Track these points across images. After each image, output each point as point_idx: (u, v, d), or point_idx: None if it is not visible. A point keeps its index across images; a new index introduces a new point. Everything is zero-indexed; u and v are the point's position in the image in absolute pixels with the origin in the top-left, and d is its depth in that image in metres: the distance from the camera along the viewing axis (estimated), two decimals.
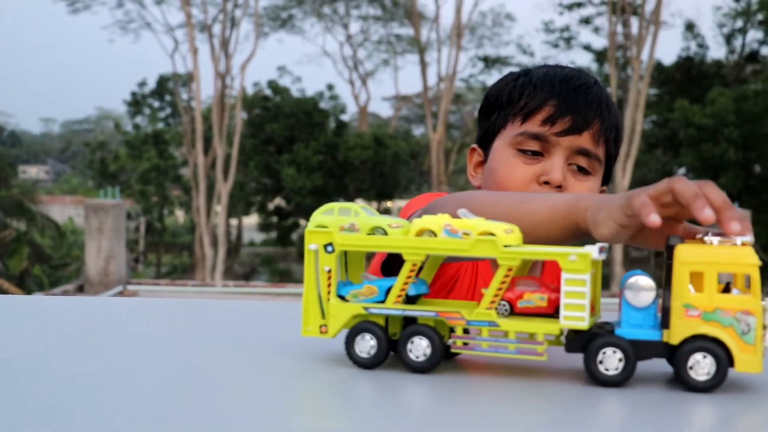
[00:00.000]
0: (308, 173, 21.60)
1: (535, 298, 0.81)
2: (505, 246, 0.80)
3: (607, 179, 1.43)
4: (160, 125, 26.49)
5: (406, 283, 0.82)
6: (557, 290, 0.80)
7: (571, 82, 1.36)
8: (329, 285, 0.84)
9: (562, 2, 22.23)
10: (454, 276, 1.40)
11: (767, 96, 16.99)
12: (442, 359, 0.81)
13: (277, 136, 22.63)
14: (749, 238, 0.76)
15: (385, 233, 0.84)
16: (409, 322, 0.84)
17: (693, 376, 0.75)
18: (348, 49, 27.12)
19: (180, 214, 29.10)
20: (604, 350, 0.76)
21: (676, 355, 0.76)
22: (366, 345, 0.82)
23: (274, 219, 24.86)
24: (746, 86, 19.42)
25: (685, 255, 0.76)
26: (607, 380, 0.76)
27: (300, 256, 24.35)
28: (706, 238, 0.78)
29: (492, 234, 0.81)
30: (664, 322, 0.76)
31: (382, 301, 0.83)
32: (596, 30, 22.56)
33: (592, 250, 0.77)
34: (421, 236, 0.82)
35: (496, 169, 1.38)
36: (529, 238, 0.88)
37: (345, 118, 24.64)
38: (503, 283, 0.80)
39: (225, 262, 20.60)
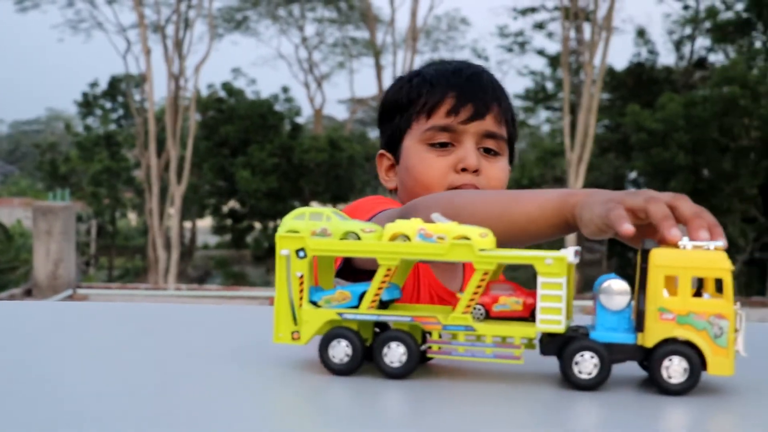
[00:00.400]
0: (263, 176, 21.47)
1: (511, 302, 0.81)
2: (481, 250, 0.79)
3: (512, 159, 1.50)
4: (112, 127, 26.11)
5: (380, 288, 0.81)
6: (532, 294, 0.80)
7: (463, 72, 1.44)
8: (301, 291, 0.83)
9: (516, 7, 22.47)
10: (412, 285, 1.41)
11: (715, 102, 17.31)
12: (418, 365, 0.80)
13: (232, 138, 22.46)
14: (721, 243, 0.78)
15: (358, 238, 0.82)
16: (382, 327, 0.84)
17: (667, 379, 0.75)
18: (303, 51, 27.05)
19: (133, 217, 28.72)
20: (581, 353, 0.77)
21: (651, 358, 0.76)
22: (341, 351, 0.80)
23: (229, 222, 24.66)
24: (695, 92, 19.79)
25: (660, 259, 0.77)
26: (583, 384, 0.76)
27: (255, 259, 24.20)
28: (680, 243, 0.79)
29: (467, 238, 0.80)
30: (639, 326, 0.77)
31: (356, 307, 0.82)
32: (550, 35, 22.83)
33: (568, 254, 0.78)
34: (395, 241, 0.82)
35: (413, 167, 1.42)
36: (521, 236, 0.93)
37: (300, 120, 24.57)
38: (479, 287, 0.80)
39: (178, 266, 20.39)
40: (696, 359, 0.75)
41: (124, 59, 37.16)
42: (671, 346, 0.75)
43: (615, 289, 0.78)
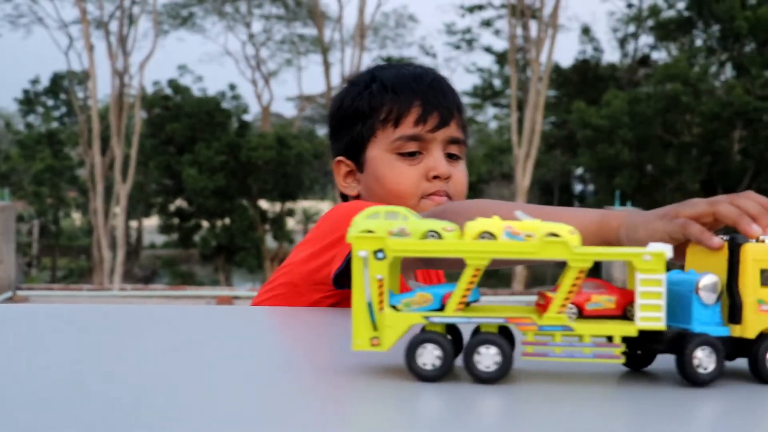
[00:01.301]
0: (210, 174, 21.25)
1: (603, 300, 0.79)
2: (575, 247, 0.77)
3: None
4: (55, 125, 25.62)
5: (468, 289, 0.77)
6: (623, 291, 0.79)
7: (424, 79, 1.46)
8: (381, 294, 0.77)
9: (464, 5, 22.58)
10: None
11: (658, 99, 17.62)
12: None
13: (178, 136, 22.19)
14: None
15: (440, 237, 0.78)
16: (452, 330, 0.81)
17: None
18: (250, 48, 26.86)
19: (77, 217, 28.24)
20: (703, 348, 0.75)
21: (753, 348, 0.77)
22: (430, 356, 0.75)
23: (176, 220, 24.38)
24: (639, 89, 20.14)
25: (756, 253, 0.78)
26: (706, 380, 0.75)
27: (202, 258, 23.95)
28: (762, 237, 0.82)
29: (556, 235, 0.77)
30: (734, 318, 0.78)
31: (438, 309, 0.78)
32: (497, 32, 23.02)
33: (666, 249, 0.76)
34: (481, 239, 0.77)
35: (384, 176, 1.45)
36: None
37: (248, 118, 24.37)
38: (574, 285, 0.76)
39: (124, 266, 20.08)
40: None
41: (67, 56, 36.37)
42: None
43: (711, 284, 0.78)
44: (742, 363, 0.78)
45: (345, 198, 1.53)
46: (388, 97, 1.44)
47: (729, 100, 17.07)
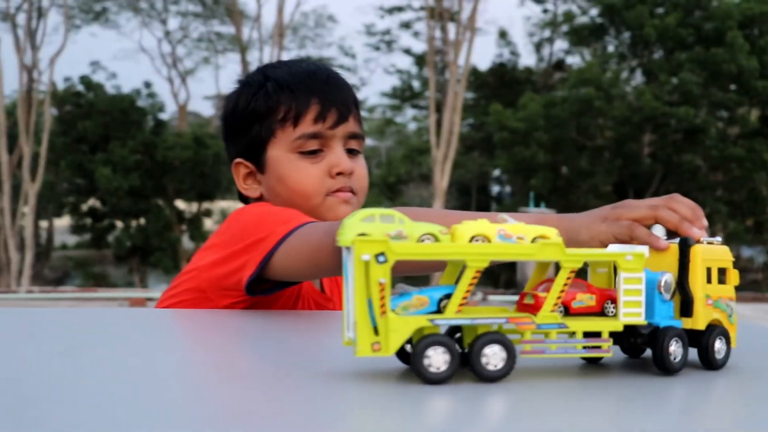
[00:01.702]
0: (124, 173, 20.78)
1: (586, 298, 0.84)
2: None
3: None
4: None
5: (467, 291, 0.78)
6: (601, 290, 0.85)
7: (318, 76, 1.46)
8: (383, 298, 0.76)
9: (383, 6, 22.68)
10: (295, 293, 1.41)
11: (572, 102, 18.04)
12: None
13: (91, 134, 21.62)
14: (719, 238, 0.94)
15: (437, 240, 0.78)
16: (455, 330, 0.82)
17: (716, 356, 0.86)
18: (166, 45, 26.37)
19: None
20: (676, 340, 0.83)
21: (703, 340, 0.86)
22: (439, 359, 0.75)
23: (88, 221, 23.77)
24: (554, 93, 20.58)
25: (703, 254, 0.88)
26: (677, 368, 0.83)
27: (117, 258, 23.39)
28: (703, 239, 0.92)
29: (546, 237, 0.80)
30: (686, 312, 0.87)
31: (436, 312, 0.78)
32: (416, 34, 23.21)
33: (645, 250, 0.83)
34: (476, 242, 0.79)
35: (287, 176, 1.43)
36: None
37: (164, 116, 23.92)
38: (566, 285, 0.80)
39: (33, 267, 19.46)
40: (728, 337, 0.87)
41: None
42: (717, 327, 0.87)
43: (670, 282, 0.86)
44: (692, 352, 0.86)
45: (246, 200, 1.50)
46: (285, 96, 1.43)
47: (639, 105, 17.61)
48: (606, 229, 1.03)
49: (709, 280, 0.88)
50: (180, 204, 22.98)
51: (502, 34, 23.74)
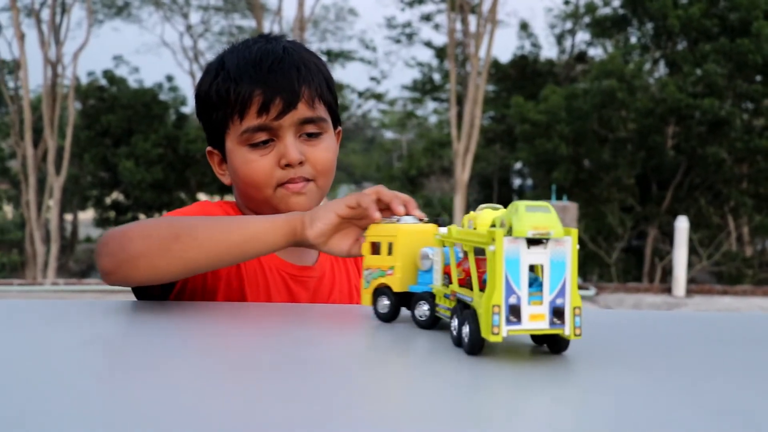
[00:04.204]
0: (147, 166, 20.91)
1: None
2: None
3: (337, 122, 1.52)
4: None
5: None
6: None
7: (264, 63, 1.39)
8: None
9: None
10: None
11: (594, 94, 17.91)
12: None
13: (114, 128, 21.76)
14: (418, 213, 1.11)
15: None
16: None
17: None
18: (188, 39, 26.45)
19: (8, 209, 27.52)
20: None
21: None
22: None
23: (112, 214, 23.94)
24: (576, 85, 20.45)
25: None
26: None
27: None
28: (391, 219, 1.10)
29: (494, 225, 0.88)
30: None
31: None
32: (437, 27, 23.12)
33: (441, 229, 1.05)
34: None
35: (238, 169, 1.42)
36: (249, 247, 1.15)
37: (186, 110, 24.00)
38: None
39: (59, 260, 19.63)
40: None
41: None
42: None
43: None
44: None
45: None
46: (232, 88, 1.39)
47: (662, 97, 17.45)
48: (337, 201, 1.14)
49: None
50: (202, 197, 23.09)
51: (524, 26, 23.61)
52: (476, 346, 0.82)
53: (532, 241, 0.79)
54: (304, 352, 0.91)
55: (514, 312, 0.79)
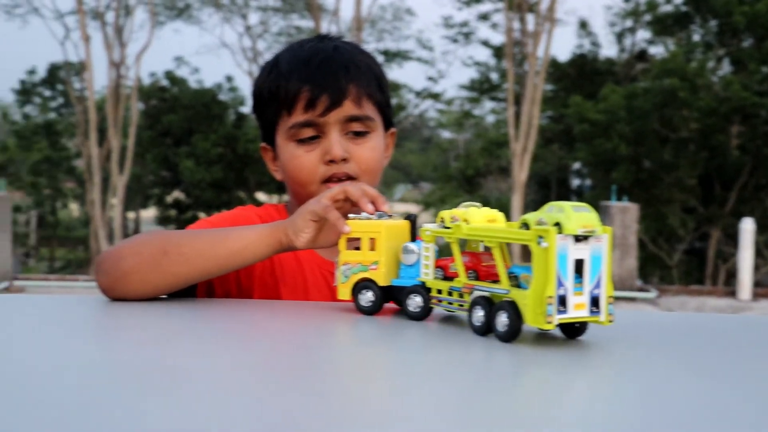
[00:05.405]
0: (207, 166, 21.22)
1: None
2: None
3: (389, 123, 1.54)
4: (52, 115, 25.53)
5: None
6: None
7: (313, 61, 1.43)
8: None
9: None
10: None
11: (655, 93, 17.61)
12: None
13: (175, 128, 22.14)
14: (386, 207, 1.15)
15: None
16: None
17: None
18: (247, 40, 26.74)
19: (74, 207, 28.20)
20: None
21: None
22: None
23: (173, 212, 24.36)
24: (636, 84, 20.12)
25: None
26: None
27: None
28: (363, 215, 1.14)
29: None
30: None
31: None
32: (494, 26, 22.97)
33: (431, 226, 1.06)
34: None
35: (285, 164, 1.46)
36: (237, 259, 1.22)
37: (245, 110, 24.29)
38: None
39: None
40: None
41: (63, 46, 36.41)
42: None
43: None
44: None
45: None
46: (282, 84, 1.43)
47: (726, 96, 17.07)
48: (309, 207, 1.19)
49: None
50: (261, 196, 23.34)
51: (583, 25, 23.31)
52: (515, 335, 0.90)
53: (577, 238, 0.88)
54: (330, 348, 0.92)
55: (562, 302, 0.87)
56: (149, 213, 26.68)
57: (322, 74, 1.41)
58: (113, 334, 1.04)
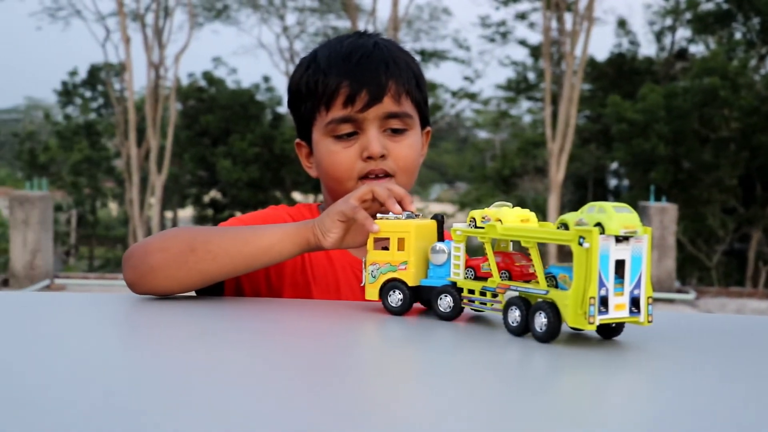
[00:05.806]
0: (244, 166, 21.37)
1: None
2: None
3: (426, 122, 1.52)
4: (92, 116, 25.90)
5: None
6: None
7: (353, 56, 1.41)
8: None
9: None
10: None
11: (695, 93, 17.38)
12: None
13: (213, 128, 22.34)
14: (413, 208, 1.15)
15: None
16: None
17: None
18: (284, 40, 26.93)
19: (113, 207, 28.55)
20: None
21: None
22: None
23: (210, 212, 24.58)
24: (675, 83, 19.88)
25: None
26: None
27: None
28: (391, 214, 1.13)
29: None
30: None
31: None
32: (531, 25, 22.83)
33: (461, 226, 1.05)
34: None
35: (322, 160, 1.45)
36: (264, 258, 1.21)
37: (281, 110, 24.44)
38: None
39: None
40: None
41: (104, 48, 36.89)
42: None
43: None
44: None
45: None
46: (320, 79, 1.41)
47: None
48: (338, 208, 1.19)
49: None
50: (297, 196, 23.46)
51: (621, 23, 23.08)
52: (554, 335, 0.89)
53: (618, 239, 0.87)
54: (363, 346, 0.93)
55: (604, 303, 0.87)
56: (187, 212, 26.94)
57: (362, 70, 1.39)
58: (150, 332, 1.05)
